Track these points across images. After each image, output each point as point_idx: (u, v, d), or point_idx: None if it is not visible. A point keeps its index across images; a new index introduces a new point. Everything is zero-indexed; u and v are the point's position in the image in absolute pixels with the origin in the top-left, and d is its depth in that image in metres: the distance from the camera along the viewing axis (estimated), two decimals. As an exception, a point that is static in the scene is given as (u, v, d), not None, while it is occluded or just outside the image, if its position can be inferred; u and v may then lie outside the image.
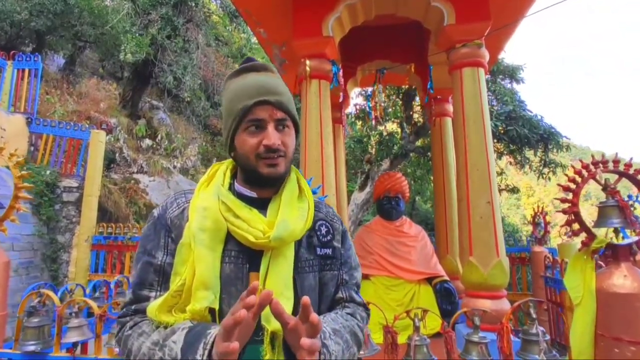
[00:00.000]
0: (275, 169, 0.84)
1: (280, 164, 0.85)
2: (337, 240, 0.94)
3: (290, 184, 0.91)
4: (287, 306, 0.78)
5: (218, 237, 0.81)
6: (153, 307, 0.79)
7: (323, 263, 0.89)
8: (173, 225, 0.85)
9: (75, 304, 1.87)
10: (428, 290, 3.22)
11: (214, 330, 0.69)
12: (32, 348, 1.82)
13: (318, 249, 0.89)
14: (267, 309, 0.74)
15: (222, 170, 0.93)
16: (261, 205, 0.87)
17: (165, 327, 0.77)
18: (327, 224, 0.94)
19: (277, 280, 0.79)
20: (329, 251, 0.91)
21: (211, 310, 0.77)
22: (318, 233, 0.91)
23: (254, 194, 0.89)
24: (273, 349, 0.75)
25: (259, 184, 0.88)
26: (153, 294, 0.82)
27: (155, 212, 0.90)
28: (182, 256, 0.81)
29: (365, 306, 0.97)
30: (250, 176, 0.88)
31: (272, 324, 0.74)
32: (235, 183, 0.92)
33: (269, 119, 0.84)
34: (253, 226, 0.81)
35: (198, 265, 0.79)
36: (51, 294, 1.85)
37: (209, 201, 0.84)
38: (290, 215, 0.84)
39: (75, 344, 1.84)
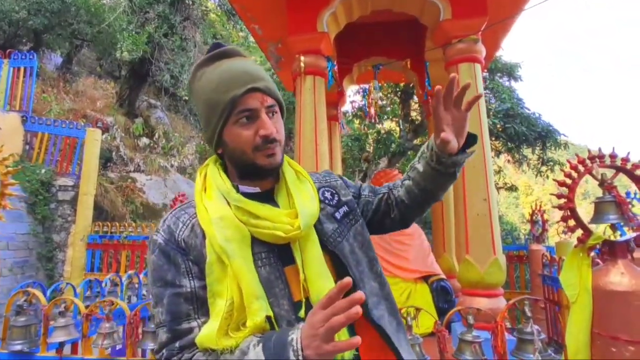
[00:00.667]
0: (274, 159, 0.82)
1: (277, 153, 0.83)
2: (344, 194, 0.95)
3: (286, 169, 0.89)
4: (331, 284, 0.77)
5: (245, 244, 0.77)
6: (209, 335, 0.71)
7: (348, 222, 0.90)
8: (189, 247, 0.78)
9: (61, 303, 1.83)
10: (424, 288, 3.19)
11: (295, 335, 0.64)
12: (18, 347, 1.78)
13: (336, 214, 0.90)
14: (315, 294, 0.77)
15: (214, 173, 0.86)
16: (265, 198, 0.83)
17: (231, 351, 0.70)
18: (327, 187, 0.95)
19: (315, 266, 0.79)
20: (345, 209, 0.92)
21: (269, 318, 0.73)
22: (326, 201, 0.91)
23: (257, 189, 0.85)
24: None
25: (258, 176, 0.85)
26: (194, 323, 0.75)
27: (158, 238, 0.80)
28: (216, 275, 0.75)
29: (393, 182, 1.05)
30: (247, 170, 0.84)
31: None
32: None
33: (261, 107, 0.80)
34: (278, 221, 0.78)
35: (242, 278, 0.74)
36: (37, 292, 1.81)
37: (221, 210, 0.79)
38: (305, 199, 0.84)
39: (61, 344, 1.80)
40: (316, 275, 0.78)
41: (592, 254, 1.59)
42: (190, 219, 0.81)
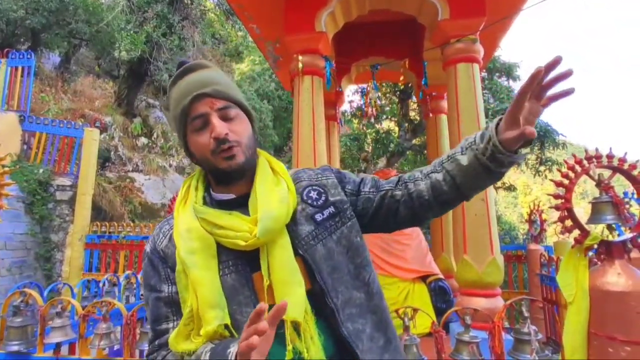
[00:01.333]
0: (233, 161, 0.81)
1: (237, 154, 0.81)
2: (335, 194, 0.88)
3: (261, 170, 0.87)
4: (300, 291, 0.76)
5: (210, 254, 0.80)
6: (171, 338, 0.79)
7: (331, 224, 0.84)
8: (166, 256, 0.85)
9: (58, 304, 1.83)
10: (422, 288, 3.19)
11: (233, 348, 0.67)
12: (15, 348, 1.78)
13: (317, 216, 0.84)
14: (280, 301, 0.73)
15: (192, 185, 0.90)
16: (238, 204, 0.84)
17: (190, 355, 0.76)
18: (314, 186, 0.89)
19: (282, 271, 0.77)
20: (330, 210, 0.85)
21: (227, 326, 0.77)
22: (309, 202, 0.86)
23: (231, 196, 0.86)
24: (299, 336, 0.73)
25: (227, 180, 0.85)
26: (171, 325, 0.82)
27: (147, 247, 0.89)
28: (183, 283, 0.80)
29: (400, 176, 0.93)
30: (216, 176, 0.86)
31: (289, 314, 0.72)
32: (212, 192, 0.89)
33: (211, 111, 0.81)
34: (238, 230, 0.78)
35: (198, 288, 0.77)
36: (34, 293, 1.81)
37: (190, 222, 0.82)
38: (271, 203, 0.81)
39: (58, 345, 1.79)
40: (281, 282, 0.76)
41: (590, 253, 1.59)
42: (169, 229, 0.87)
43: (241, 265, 0.79)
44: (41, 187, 5.58)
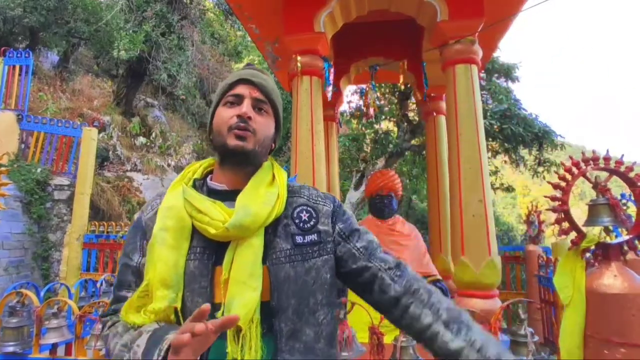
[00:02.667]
0: (242, 142, 0.84)
1: (249, 139, 0.85)
2: (324, 223, 0.87)
3: (261, 171, 0.89)
4: (253, 296, 0.75)
5: (182, 235, 0.80)
6: (124, 307, 0.80)
7: (308, 251, 0.82)
8: (147, 228, 0.86)
9: (55, 304, 1.82)
10: (420, 289, 3.19)
11: (170, 336, 0.67)
12: (11, 349, 1.77)
13: (298, 238, 0.82)
14: (230, 299, 0.74)
15: (194, 168, 0.93)
16: (227, 196, 0.85)
17: (136, 329, 0.77)
18: (308, 208, 0.88)
19: (241, 271, 0.76)
20: (312, 237, 0.84)
21: (176, 310, 0.77)
22: (297, 220, 0.85)
23: (223, 186, 0.88)
24: (237, 342, 0.72)
25: (229, 163, 0.88)
26: (130, 294, 0.83)
27: (136, 215, 0.93)
28: (149, 256, 0.81)
29: (399, 262, 0.89)
30: (222, 154, 0.88)
31: (232, 314, 0.71)
32: (208, 179, 0.92)
33: (247, 95, 0.87)
34: (214, 218, 0.79)
35: (157, 264, 0.78)
36: (30, 293, 1.80)
37: (174, 200, 0.84)
38: (253, 201, 0.81)
39: (54, 345, 1.79)
40: (237, 280, 0.75)
41: (588, 254, 1.60)
42: (158, 205, 0.88)
43: (208, 254, 0.80)
44: (39, 186, 5.56)
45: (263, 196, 0.83)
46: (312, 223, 0.86)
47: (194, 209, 0.81)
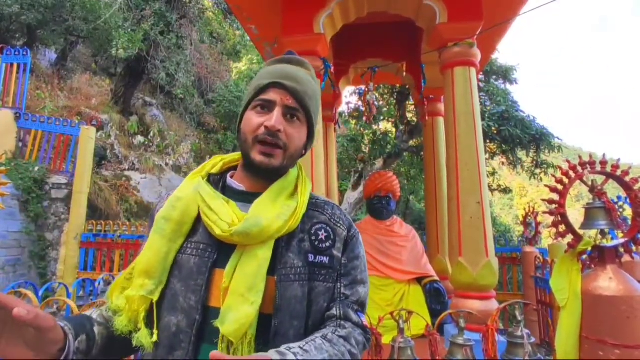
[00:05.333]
0: (268, 160, 0.79)
1: (276, 156, 0.79)
2: (338, 249, 0.82)
3: (284, 180, 0.84)
4: (249, 311, 0.70)
5: (181, 230, 0.79)
6: (112, 285, 0.80)
7: (316, 272, 0.77)
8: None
9: (54, 304, 1.82)
10: (418, 290, 3.21)
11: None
12: (9, 349, 1.77)
13: (310, 256, 0.78)
14: (225, 309, 0.70)
15: (214, 162, 0.90)
16: (244, 198, 0.82)
17: (108, 311, 0.79)
18: (327, 228, 0.82)
19: (242, 282, 0.72)
20: (325, 259, 0.79)
21: (152, 303, 0.75)
22: (313, 238, 0.80)
23: (242, 187, 0.84)
24: (228, 354, 0.68)
25: (253, 172, 0.84)
26: None
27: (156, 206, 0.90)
28: (147, 242, 0.80)
29: (364, 328, 0.81)
30: (246, 162, 0.84)
31: (225, 327, 0.69)
32: (229, 176, 0.88)
33: (279, 103, 0.80)
34: (222, 218, 0.76)
35: (146, 252, 0.77)
36: (29, 293, 1.80)
37: (186, 192, 0.82)
38: (268, 212, 0.77)
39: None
40: (236, 292, 0.71)
41: (583, 257, 1.61)
42: (170, 195, 0.86)
43: (209, 253, 0.76)
44: (36, 185, 5.55)
45: (279, 208, 0.78)
46: (328, 244, 0.81)
47: (205, 204, 0.78)
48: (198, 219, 0.80)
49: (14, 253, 5.13)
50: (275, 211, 0.78)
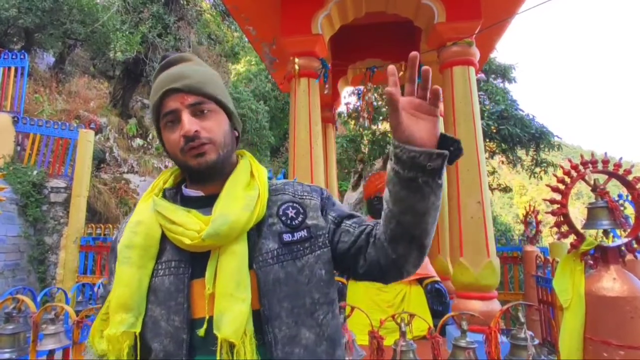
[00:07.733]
0: (203, 158, 0.77)
1: (208, 152, 0.77)
2: (312, 217, 0.81)
3: (237, 173, 0.82)
4: (242, 309, 0.69)
5: (148, 254, 0.76)
6: (92, 330, 0.78)
7: (299, 249, 0.77)
8: (116, 249, 0.83)
9: (52, 310, 1.81)
10: (419, 291, 3.19)
11: None
12: (7, 356, 1.75)
13: (286, 236, 0.77)
14: (218, 314, 0.69)
15: (164, 177, 0.87)
16: (206, 203, 0.80)
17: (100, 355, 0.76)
18: (294, 204, 0.82)
19: (227, 282, 0.70)
20: (303, 233, 0.79)
21: (136, 335, 0.73)
22: (284, 218, 0.79)
23: (200, 193, 0.82)
24: (231, 358, 0.67)
25: (199, 179, 0.82)
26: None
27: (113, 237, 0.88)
28: (115, 278, 0.77)
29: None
30: (189, 173, 0.83)
31: (222, 331, 0.68)
32: (183, 187, 0.86)
33: (182, 107, 0.77)
34: (189, 227, 0.73)
35: (117, 286, 0.74)
36: (26, 299, 1.78)
37: (144, 214, 0.79)
38: (232, 207, 0.75)
39: (51, 351, 1.77)
40: (224, 294, 0.70)
41: (586, 257, 1.60)
42: (127, 222, 0.84)
43: (183, 268, 0.74)
44: (35, 189, 5.52)
45: (242, 200, 0.77)
46: (300, 219, 0.80)
47: (166, 220, 0.75)
48: (163, 239, 0.77)
49: (13, 257, 5.11)
50: (239, 204, 0.76)
